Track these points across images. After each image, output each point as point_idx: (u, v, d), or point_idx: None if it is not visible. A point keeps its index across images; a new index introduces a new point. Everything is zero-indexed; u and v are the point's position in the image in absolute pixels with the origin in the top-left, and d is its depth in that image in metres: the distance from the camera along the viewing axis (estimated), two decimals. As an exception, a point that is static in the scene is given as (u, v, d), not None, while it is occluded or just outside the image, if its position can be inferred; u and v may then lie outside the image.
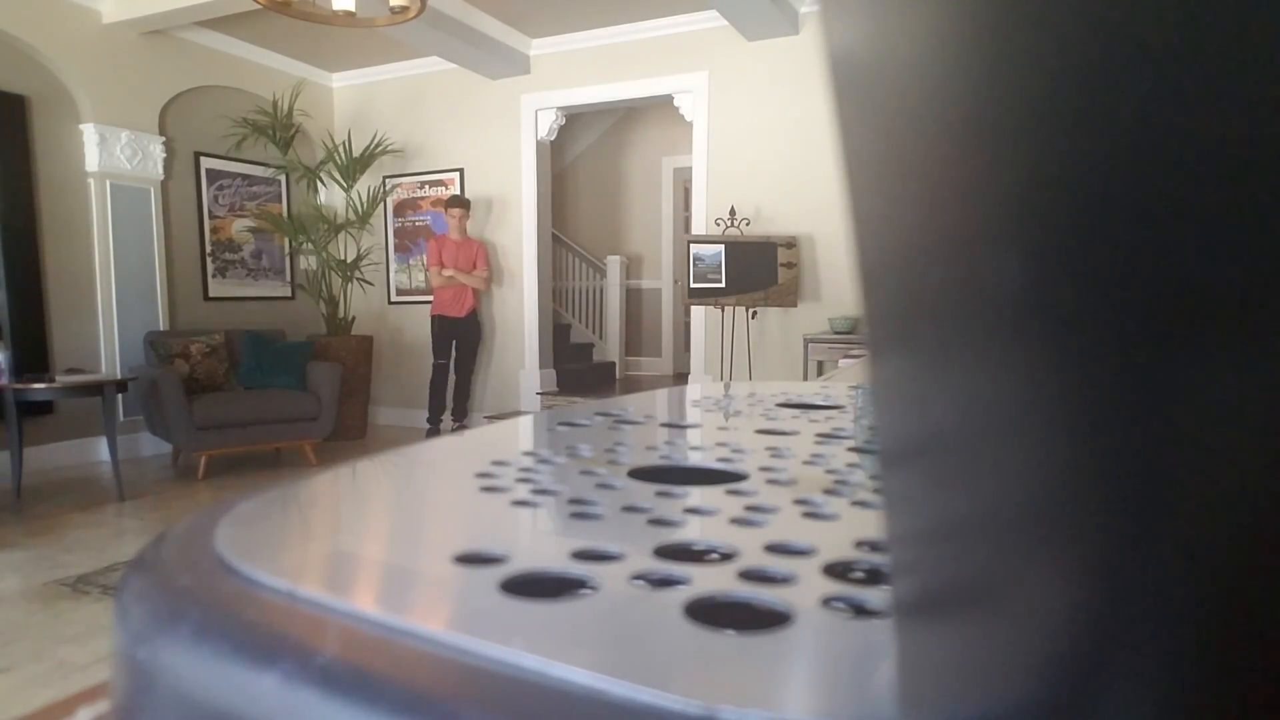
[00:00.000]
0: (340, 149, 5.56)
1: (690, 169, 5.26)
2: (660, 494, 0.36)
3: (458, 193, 5.66)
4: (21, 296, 4.38)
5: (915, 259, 0.12)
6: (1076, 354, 0.08)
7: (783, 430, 0.54)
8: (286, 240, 5.68)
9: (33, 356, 4.32)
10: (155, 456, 4.85)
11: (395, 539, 0.32)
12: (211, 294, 5.37)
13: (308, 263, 5.82)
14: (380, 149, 5.67)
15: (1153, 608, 0.08)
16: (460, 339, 5.43)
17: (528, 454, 0.46)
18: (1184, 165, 0.07)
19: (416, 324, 5.89)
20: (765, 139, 4.79)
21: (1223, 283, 0.07)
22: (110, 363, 4.72)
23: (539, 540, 0.33)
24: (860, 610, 0.23)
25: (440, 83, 5.73)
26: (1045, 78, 0.08)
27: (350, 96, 6.12)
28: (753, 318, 4.86)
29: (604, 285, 7.29)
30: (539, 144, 5.53)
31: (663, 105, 5.57)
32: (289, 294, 5.88)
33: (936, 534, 0.13)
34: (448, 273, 5.28)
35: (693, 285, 4.60)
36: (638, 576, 0.25)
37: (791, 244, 4.56)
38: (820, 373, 4.41)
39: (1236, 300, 0.07)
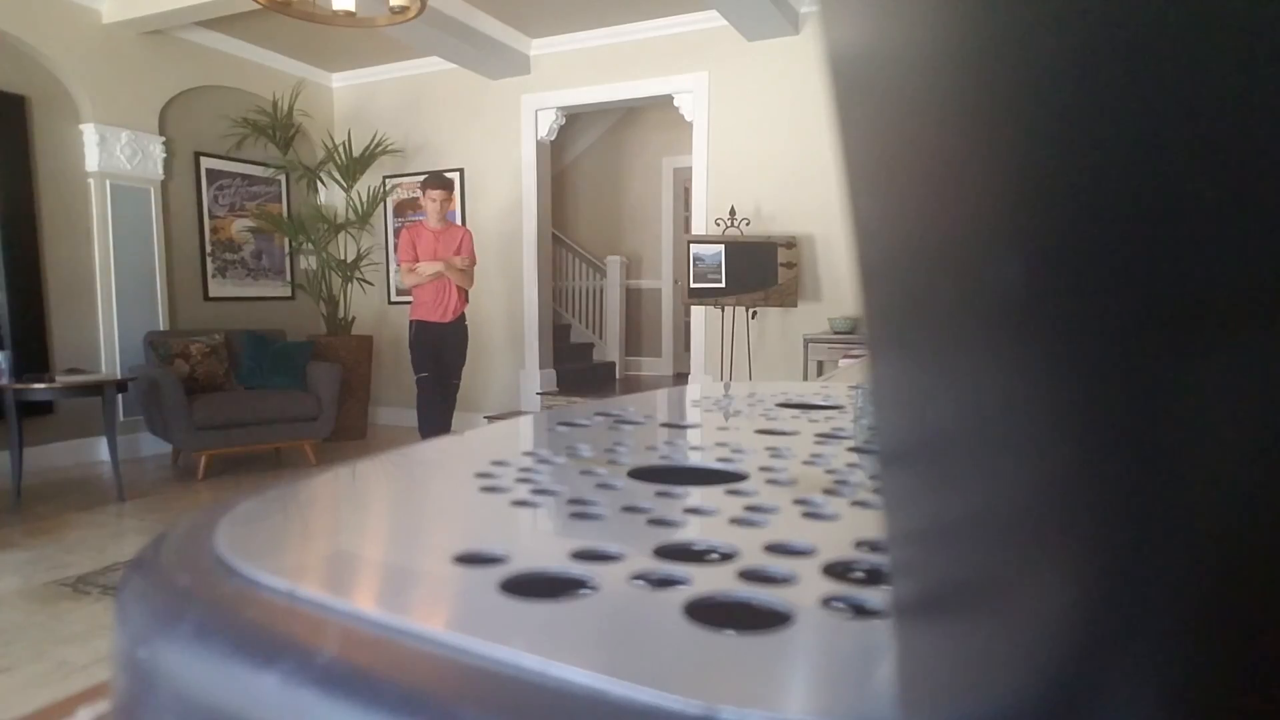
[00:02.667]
0: (340, 149, 5.55)
1: (690, 169, 5.26)
2: (660, 494, 0.36)
3: (438, 172, 4.70)
4: (21, 296, 4.38)
5: (915, 259, 0.12)
6: (1075, 354, 0.08)
7: (783, 430, 0.54)
8: (286, 240, 5.68)
9: (33, 356, 4.32)
10: (155, 456, 4.85)
11: (395, 539, 0.32)
12: (211, 294, 5.37)
13: (308, 263, 5.82)
14: (380, 149, 5.67)
15: (1151, 607, 0.08)
16: (446, 348, 4.52)
17: (528, 454, 0.46)
18: (1183, 166, 0.07)
19: (416, 324, 5.88)
20: (765, 139, 4.79)
21: (1221, 283, 0.07)
22: (110, 363, 4.72)
23: (539, 540, 0.33)
24: (860, 610, 0.23)
25: (440, 83, 5.72)
26: (1045, 78, 0.08)
27: (350, 96, 6.12)
28: (753, 318, 4.86)
29: (604, 285, 7.29)
30: (539, 144, 5.53)
31: (663, 105, 5.57)
32: (289, 294, 5.88)
33: (936, 534, 0.13)
34: (424, 267, 4.37)
35: (693, 285, 4.60)
36: (638, 576, 0.25)
37: (791, 244, 4.56)
38: (820, 373, 4.41)
39: (1235, 301, 0.07)
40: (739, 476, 0.40)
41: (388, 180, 5.94)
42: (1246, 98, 0.06)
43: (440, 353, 4.56)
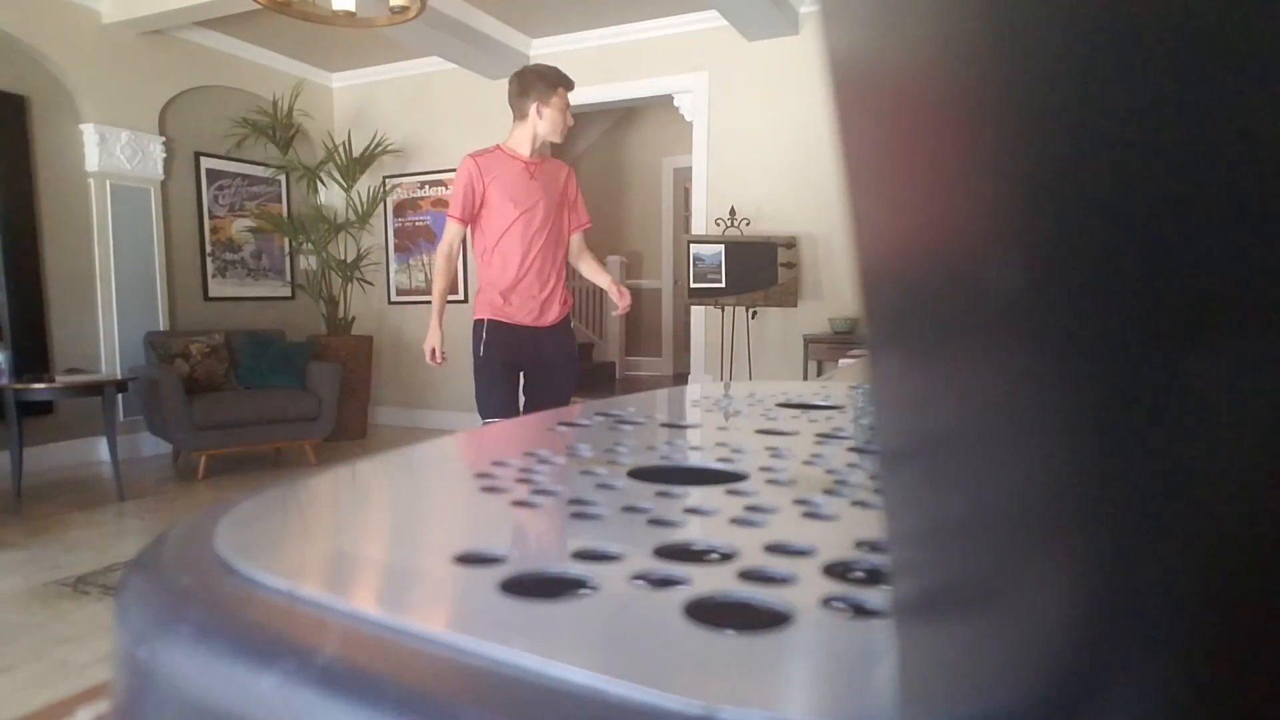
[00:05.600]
0: (340, 149, 5.55)
1: (690, 169, 5.26)
2: (660, 494, 0.36)
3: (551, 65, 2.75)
4: (21, 296, 4.38)
5: (915, 259, 0.12)
6: (1076, 354, 0.08)
7: (783, 430, 0.54)
8: (286, 240, 5.69)
9: (33, 356, 4.31)
10: (155, 456, 4.85)
11: (395, 539, 0.32)
12: (211, 294, 5.37)
13: (308, 263, 5.82)
14: (380, 149, 5.67)
15: (1152, 608, 0.08)
16: (544, 370, 2.70)
17: (528, 454, 0.46)
18: (1185, 167, 0.07)
19: (417, 324, 5.87)
20: (765, 139, 4.79)
21: (1223, 284, 0.07)
22: (110, 363, 4.72)
23: (539, 540, 0.33)
24: (860, 610, 0.23)
25: (440, 83, 5.72)
26: (1046, 79, 0.08)
27: (350, 96, 6.12)
28: (753, 318, 4.86)
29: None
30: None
31: (663, 105, 5.57)
32: (289, 294, 5.88)
33: (936, 534, 0.13)
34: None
35: (693, 285, 4.60)
36: (638, 576, 0.25)
37: (791, 244, 4.56)
38: (820, 373, 4.41)
39: (1236, 301, 0.07)
40: (739, 476, 0.40)
41: (388, 180, 5.94)
42: (1247, 96, 0.06)
43: (533, 377, 2.72)
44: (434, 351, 2.64)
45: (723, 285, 4.56)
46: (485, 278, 2.68)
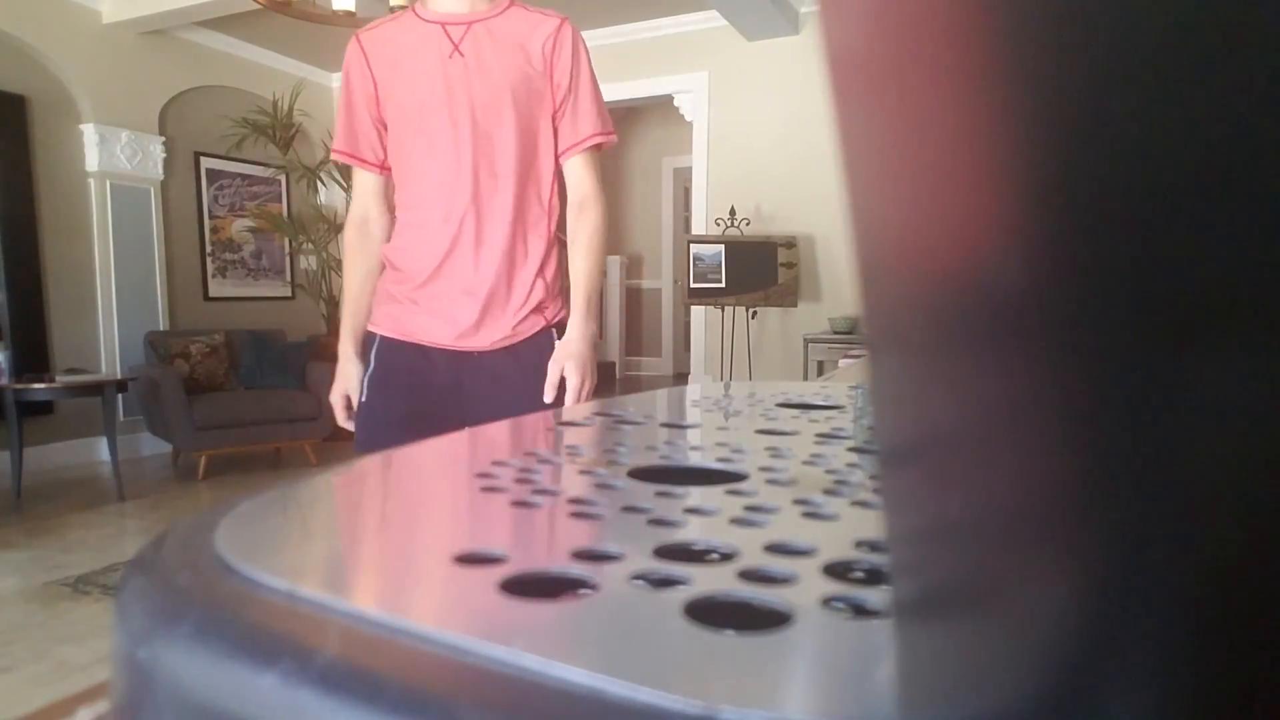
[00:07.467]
0: (340, 149, 5.56)
1: (690, 169, 5.27)
2: (660, 494, 0.36)
3: None
4: (21, 296, 4.38)
5: (915, 258, 0.12)
6: (1077, 354, 0.08)
7: (783, 430, 0.54)
8: (286, 240, 5.69)
9: (33, 356, 4.31)
10: (155, 456, 4.85)
11: (395, 539, 0.32)
12: (211, 294, 5.38)
13: (308, 263, 5.82)
14: (380, 149, 5.67)
15: (1152, 608, 0.08)
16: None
17: (528, 454, 0.46)
18: (1186, 166, 0.07)
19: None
20: (765, 139, 4.79)
21: (1223, 284, 0.07)
22: (110, 363, 4.73)
23: (539, 540, 0.33)
24: (860, 610, 0.23)
25: (440, 83, 5.72)
26: (1047, 78, 0.08)
27: (350, 96, 6.12)
28: (753, 318, 4.86)
29: (604, 285, 7.28)
30: (539, 144, 5.52)
31: (663, 105, 5.57)
32: (289, 294, 5.88)
33: (936, 534, 0.13)
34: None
35: (693, 285, 4.60)
36: (638, 576, 0.25)
37: (791, 244, 4.56)
38: (820, 373, 4.41)
39: (1237, 301, 0.07)
40: (739, 476, 0.40)
41: (388, 180, 5.94)
42: (1248, 96, 0.06)
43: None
44: (346, 402, 1.47)
45: (723, 285, 4.56)
46: (388, 255, 1.45)
